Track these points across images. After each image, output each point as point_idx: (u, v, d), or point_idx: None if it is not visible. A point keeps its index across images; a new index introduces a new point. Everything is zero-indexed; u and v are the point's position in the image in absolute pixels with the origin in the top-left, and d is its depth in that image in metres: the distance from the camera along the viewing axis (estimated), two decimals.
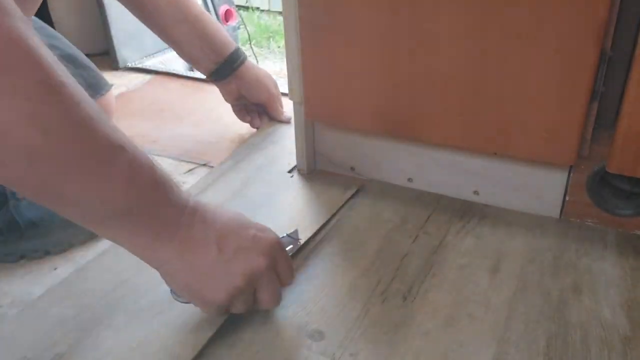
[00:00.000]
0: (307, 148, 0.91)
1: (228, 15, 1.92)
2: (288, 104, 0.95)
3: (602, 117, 0.72)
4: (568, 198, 0.79)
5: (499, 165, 0.80)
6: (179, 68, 1.43)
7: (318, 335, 0.62)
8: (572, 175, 0.77)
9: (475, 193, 0.84)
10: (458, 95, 0.74)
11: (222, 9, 1.91)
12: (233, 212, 0.61)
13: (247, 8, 3.46)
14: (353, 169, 0.91)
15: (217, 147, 1.03)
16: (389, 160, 0.88)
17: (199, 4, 0.99)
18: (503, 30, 0.68)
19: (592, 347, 0.61)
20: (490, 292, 0.68)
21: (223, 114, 1.12)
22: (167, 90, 0.99)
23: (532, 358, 0.59)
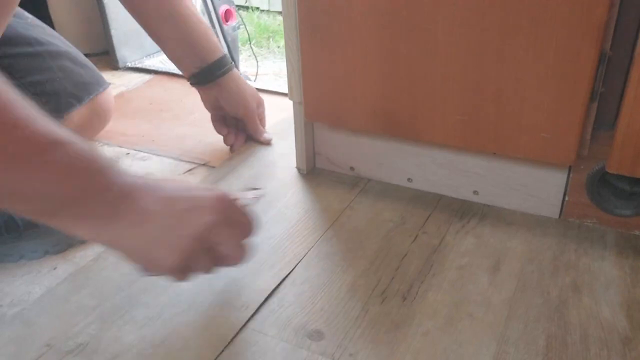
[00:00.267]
0: (306, 148, 0.92)
1: (228, 15, 1.92)
2: (284, 111, 0.95)
3: (601, 117, 0.72)
4: (567, 198, 0.79)
5: (499, 165, 0.81)
6: None
7: (317, 335, 0.62)
8: (571, 176, 0.77)
9: (475, 193, 0.84)
10: (457, 95, 0.74)
11: (222, 9, 1.91)
12: (179, 180, 0.61)
13: (246, 8, 3.46)
14: (353, 169, 0.92)
15: (216, 147, 1.03)
16: (389, 160, 0.88)
17: (193, 6, 0.96)
18: (502, 30, 0.68)
19: (591, 347, 0.61)
20: (490, 292, 0.68)
21: None
22: (166, 90, 0.99)
23: (531, 358, 0.59)
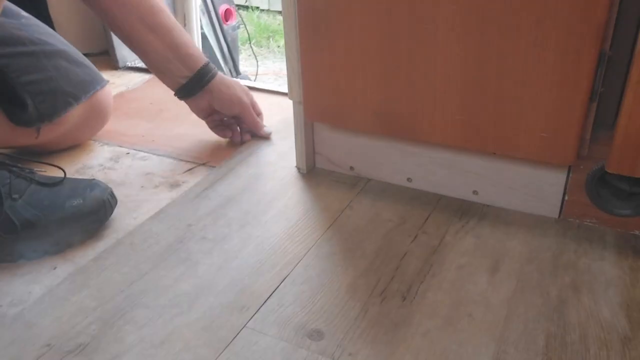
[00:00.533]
0: (306, 147, 0.92)
1: (228, 15, 1.93)
2: (284, 111, 0.95)
3: (601, 117, 0.72)
4: (567, 198, 0.79)
5: (498, 165, 0.81)
6: None
7: (317, 335, 0.62)
8: (571, 175, 0.77)
9: (475, 193, 0.84)
10: (457, 95, 0.74)
11: (221, 9, 1.91)
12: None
13: (246, 7, 3.46)
14: (352, 169, 0.92)
15: (216, 146, 1.03)
16: (389, 160, 0.88)
17: (170, 14, 0.93)
18: (502, 30, 0.68)
19: (591, 346, 0.61)
20: (490, 292, 0.68)
21: None
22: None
23: (531, 358, 0.59)
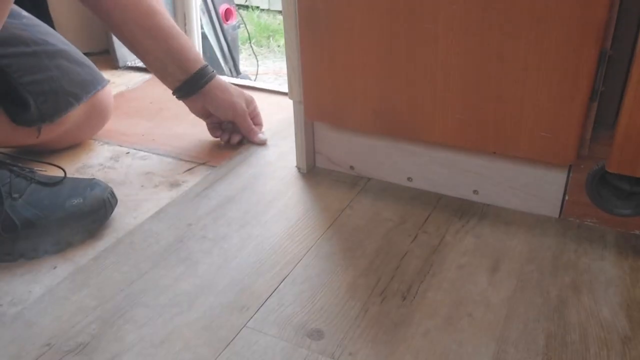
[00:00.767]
0: (306, 147, 0.92)
1: (228, 14, 1.93)
2: (284, 110, 0.95)
3: (601, 116, 0.72)
4: (567, 198, 0.79)
5: (499, 165, 0.81)
6: None
7: (317, 335, 0.62)
8: (571, 175, 0.77)
9: (475, 192, 0.84)
10: (457, 95, 0.74)
11: (222, 8, 1.91)
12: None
13: (247, 7, 3.46)
14: (353, 168, 0.92)
15: (215, 146, 1.03)
16: (389, 160, 0.88)
17: (169, 17, 0.97)
18: (502, 30, 0.68)
19: (591, 346, 0.61)
20: (490, 291, 0.68)
21: None
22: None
23: (531, 357, 0.59)
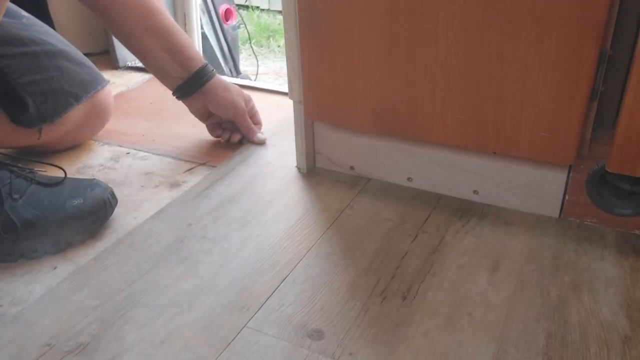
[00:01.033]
0: (306, 147, 0.92)
1: (228, 14, 1.93)
2: (284, 110, 0.95)
3: (601, 116, 0.72)
4: (567, 197, 0.79)
5: (499, 165, 0.81)
6: None
7: (318, 335, 0.62)
8: (571, 175, 0.77)
9: (475, 192, 0.84)
10: (457, 95, 0.74)
11: (222, 8, 1.91)
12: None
13: (247, 7, 3.46)
14: (353, 168, 0.92)
15: (215, 146, 1.03)
16: (389, 160, 0.88)
17: (169, 16, 0.96)
18: (502, 30, 0.68)
19: (591, 346, 0.61)
20: (490, 291, 0.68)
21: None
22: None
23: (531, 357, 0.59)
